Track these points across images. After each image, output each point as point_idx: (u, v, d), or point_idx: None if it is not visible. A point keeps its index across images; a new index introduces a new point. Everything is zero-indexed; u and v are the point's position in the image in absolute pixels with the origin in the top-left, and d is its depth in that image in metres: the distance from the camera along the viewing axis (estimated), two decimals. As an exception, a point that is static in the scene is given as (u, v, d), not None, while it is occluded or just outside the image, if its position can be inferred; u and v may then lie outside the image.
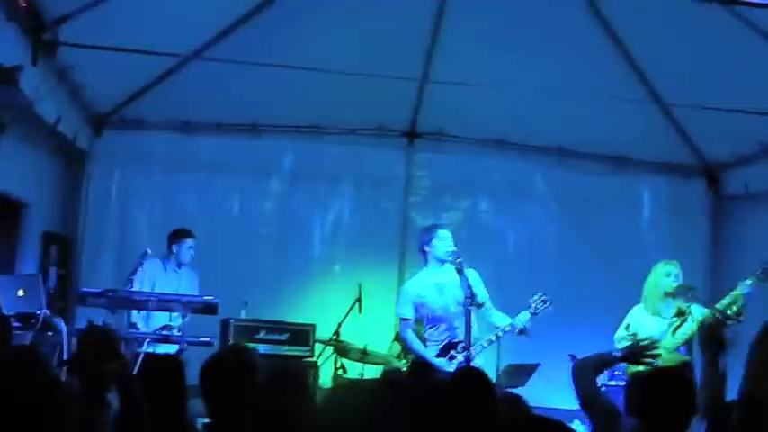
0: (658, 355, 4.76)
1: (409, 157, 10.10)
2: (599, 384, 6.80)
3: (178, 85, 8.70)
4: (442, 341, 7.01)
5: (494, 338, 7.00)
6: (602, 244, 9.89)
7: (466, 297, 6.73)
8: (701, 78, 7.97)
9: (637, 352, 4.70)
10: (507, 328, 6.96)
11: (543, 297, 7.07)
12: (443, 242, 7.10)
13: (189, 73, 8.54)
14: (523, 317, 6.98)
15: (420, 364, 7.04)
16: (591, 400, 4.35)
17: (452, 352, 6.92)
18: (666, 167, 10.03)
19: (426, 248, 7.16)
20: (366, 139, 9.91)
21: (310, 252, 9.91)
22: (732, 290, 6.94)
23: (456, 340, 6.93)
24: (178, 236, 8.37)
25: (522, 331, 7.01)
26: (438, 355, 6.99)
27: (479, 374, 4.22)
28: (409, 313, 7.11)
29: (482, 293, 7.15)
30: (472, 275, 7.07)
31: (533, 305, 7.04)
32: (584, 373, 4.46)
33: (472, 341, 6.79)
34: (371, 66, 7.93)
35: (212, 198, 9.75)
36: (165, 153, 9.62)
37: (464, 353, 6.78)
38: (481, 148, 9.96)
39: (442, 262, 7.07)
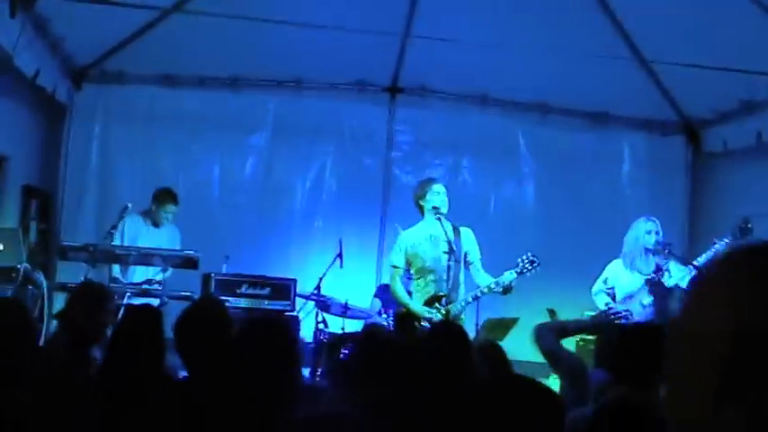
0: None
1: (391, 112, 10.09)
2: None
3: (159, 38, 8.63)
4: (428, 292, 7.08)
5: (478, 294, 7.05)
6: (581, 199, 9.95)
7: (446, 251, 6.81)
8: (683, 36, 7.98)
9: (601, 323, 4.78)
10: (492, 286, 7.02)
11: (532, 258, 7.09)
12: (438, 196, 7.18)
13: (170, 26, 8.46)
14: (509, 276, 7.02)
15: (404, 317, 7.10)
16: (555, 357, 4.41)
17: (437, 304, 6.99)
18: (647, 124, 10.06)
19: (421, 202, 7.23)
20: (348, 94, 9.90)
21: (292, 207, 9.93)
22: (710, 247, 7.02)
23: (442, 293, 7.00)
24: (161, 197, 8.37)
25: (506, 290, 7.06)
26: (424, 305, 7.06)
27: (456, 329, 4.27)
28: (400, 262, 7.19)
29: (474, 253, 7.22)
30: (466, 234, 7.17)
31: (521, 264, 7.07)
32: (544, 334, 4.52)
33: (457, 297, 6.88)
34: (353, 20, 7.91)
35: (194, 152, 9.74)
36: (146, 107, 9.57)
37: (447, 306, 6.87)
38: (463, 104, 9.95)
39: (436, 214, 7.13)
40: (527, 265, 7.05)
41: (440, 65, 9.24)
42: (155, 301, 7.32)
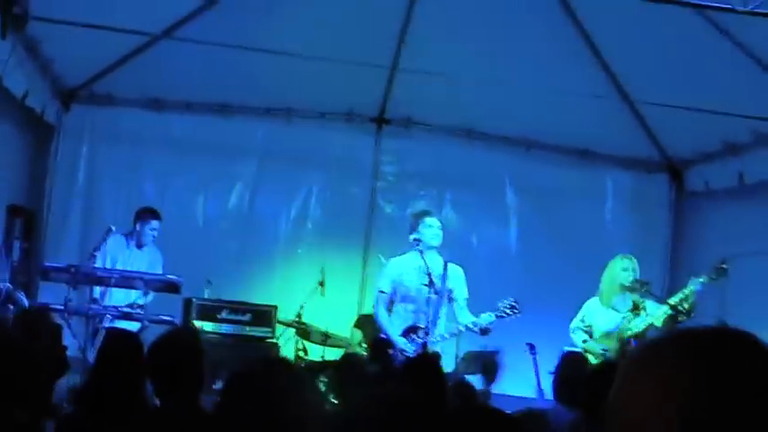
0: None
1: (377, 142, 10.15)
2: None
3: (149, 62, 8.70)
4: (407, 321, 7.16)
5: (455, 332, 7.15)
6: (564, 235, 10.01)
7: (425, 284, 6.90)
8: (667, 76, 8.10)
9: None
10: (470, 326, 7.10)
11: (512, 303, 7.17)
12: (431, 230, 7.28)
13: (159, 51, 8.54)
14: (487, 318, 7.12)
15: (380, 343, 7.16)
16: None
17: (413, 335, 7.05)
18: (630, 162, 10.15)
19: (414, 235, 7.32)
20: (335, 123, 9.94)
21: (276, 234, 9.96)
22: (684, 286, 7.09)
23: (419, 324, 7.07)
24: (143, 215, 8.39)
25: (484, 331, 7.14)
26: (401, 335, 7.13)
27: (432, 361, 4.31)
28: (387, 288, 7.28)
29: (459, 291, 7.32)
30: (454, 272, 7.26)
31: (501, 308, 7.14)
32: None
33: (435, 331, 6.96)
34: (342, 51, 8.00)
35: (180, 177, 9.76)
36: (134, 130, 9.61)
37: (424, 338, 6.94)
38: (449, 137, 10.00)
39: (429, 248, 7.24)
40: (507, 310, 7.12)
41: (426, 98, 9.32)
42: (135, 325, 7.33)
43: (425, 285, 7.02)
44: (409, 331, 7.10)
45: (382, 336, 7.26)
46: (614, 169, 10.20)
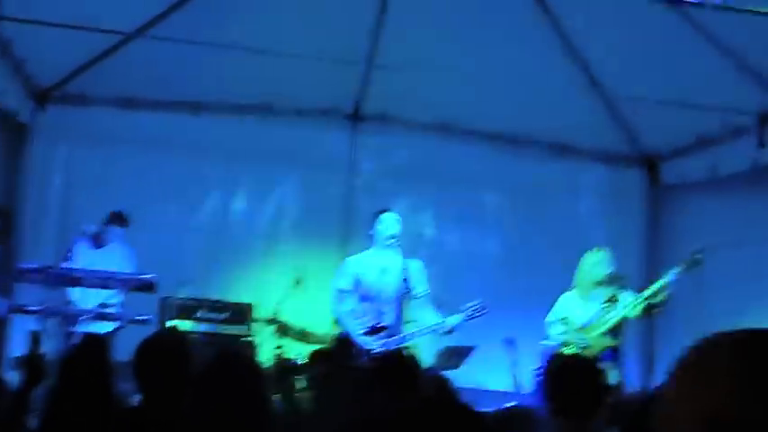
0: None
1: (353, 139, 10.13)
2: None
3: (121, 61, 8.65)
4: (368, 322, 7.11)
5: (424, 332, 7.11)
6: (542, 230, 10.04)
7: (393, 283, 6.90)
8: (643, 71, 8.15)
9: None
10: (436, 327, 7.09)
11: (479, 305, 7.15)
12: (383, 225, 7.19)
13: (132, 50, 8.49)
14: (455, 319, 7.10)
15: (344, 341, 7.08)
16: None
17: (376, 336, 7.02)
18: (607, 156, 10.19)
19: (371, 231, 7.27)
20: (310, 120, 9.90)
21: (252, 232, 9.92)
22: (659, 278, 7.13)
23: (382, 324, 7.04)
24: (109, 220, 8.37)
25: (449, 331, 7.14)
26: (364, 334, 7.07)
27: (406, 359, 4.31)
28: (347, 285, 7.21)
29: (420, 285, 7.24)
30: (414, 266, 7.17)
31: (468, 311, 7.12)
32: None
33: (399, 330, 6.94)
34: (317, 48, 7.99)
35: (155, 175, 9.70)
36: (108, 129, 9.52)
37: (389, 339, 6.92)
38: (425, 133, 10.00)
39: (384, 245, 7.17)
40: (474, 313, 7.11)
41: (403, 93, 9.31)
42: (110, 326, 7.30)
43: (392, 285, 7.01)
44: (373, 332, 7.07)
45: (344, 334, 7.20)
46: (590, 164, 10.25)
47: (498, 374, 8.85)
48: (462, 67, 8.53)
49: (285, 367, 8.06)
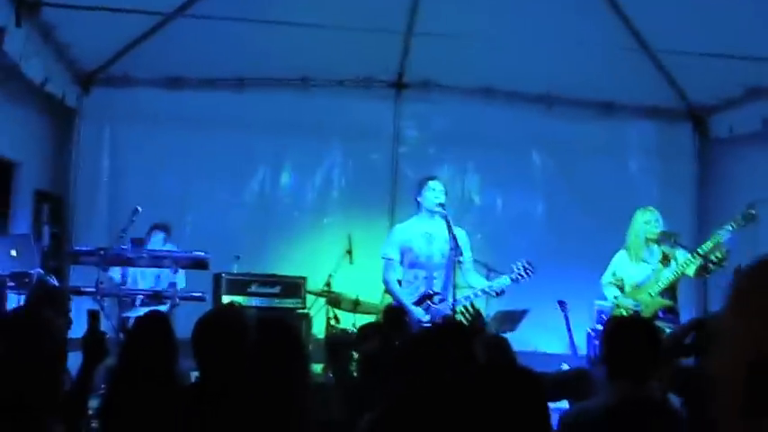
0: None
1: (397, 107, 10.11)
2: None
3: (163, 41, 8.70)
4: (419, 289, 7.11)
5: (472, 297, 7.04)
6: (590, 190, 9.97)
7: (451, 249, 6.85)
8: (687, 24, 7.99)
9: None
10: (486, 289, 7.04)
11: (526, 264, 7.08)
12: (433, 193, 7.17)
13: (174, 29, 8.52)
14: (503, 281, 7.05)
15: (394, 310, 7.07)
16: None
17: (428, 302, 7.02)
18: (653, 112, 10.06)
19: (418, 198, 7.25)
20: (354, 90, 9.90)
21: (301, 204, 9.99)
22: (713, 234, 7.01)
23: (432, 291, 7.04)
24: (152, 229, 8.54)
25: (499, 294, 7.09)
26: (415, 303, 7.08)
27: (456, 326, 4.32)
28: (394, 254, 7.20)
29: (466, 253, 7.21)
30: (459, 234, 7.14)
31: (516, 271, 7.06)
32: None
33: (448, 296, 6.92)
34: (356, 20, 7.96)
35: (202, 153, 9.77)
36: (153, 109, 9.62)
37: (441, 304, 6.92)
38: (468, 97, 9.94)
39: (432, 212, 7.15)
40: (521, 272, 7.03)
41: (444, 60, 9.26)
42: (166, 305, 7.40)
43: (442, 252, 7.00)
44: (423, 299, 7.07)
45: (395, 304, 7.19)
46: (637, 120, 10.13)
47: (553, 337, 8.84)
48: (502, 29, 8.44)
49: (338, 340, 8.12)
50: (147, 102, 9.60)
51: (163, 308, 7.14)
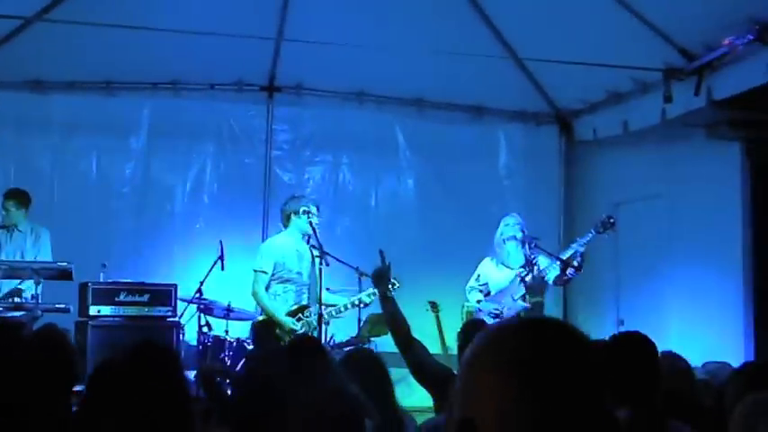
0: None
1: (269, 111, 10.06)
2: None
3: (26, 44, 8.45)
4: (287, 300, 7.28)
5: (343, 310, 7.33)
6: (460, 192, 10.13)
7: (317, 256, 7.01)
8: (552, 34, 8.24)
9: None
10: (356, 302, 7.32)
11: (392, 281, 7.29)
12: (303, 221, 7.44)
13: (36, 33, 8.29)
14: (368, 297, 7.34)
15: (265, 325, 7.18)
16: (422, 369, 4.45)
17: (300, 315, 7.13)
18: (521, 115, 10.30)
19: (293, 217, 7.40)
20: (225, 94, 9.84)
21: (172, 210, 9.83)
22: (574, 242, 7.26)
23: (304, 304, 7.16)
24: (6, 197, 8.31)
25: (366, 305, 7.34)
26: (288, 314, 7.18)
27: (313, 343, 4.35)
28: (268, 268, 7.31)
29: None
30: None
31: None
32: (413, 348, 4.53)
33: (316, 309, 7.12)
34: (225, 25, 7.91)
35: (68, 158, 9.54)
36: (17, 113, 9.33)
37: (313, 317, 7.04)
38: (341, 101, 10.01)
39: (304, 235, 7.34)
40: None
41: (315, 64, 9.26)
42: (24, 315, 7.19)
43: (319, 257, 7.14)
44: (296, 312, 7.21)
45: (263, 319, 7.36)
46: (505, 124, 10.34)
47: (424, 338, 8.93)
48: (372, 35, 8.53)
49: (211, 346, 8.07)
50: (11, 105, 9.27)
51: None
